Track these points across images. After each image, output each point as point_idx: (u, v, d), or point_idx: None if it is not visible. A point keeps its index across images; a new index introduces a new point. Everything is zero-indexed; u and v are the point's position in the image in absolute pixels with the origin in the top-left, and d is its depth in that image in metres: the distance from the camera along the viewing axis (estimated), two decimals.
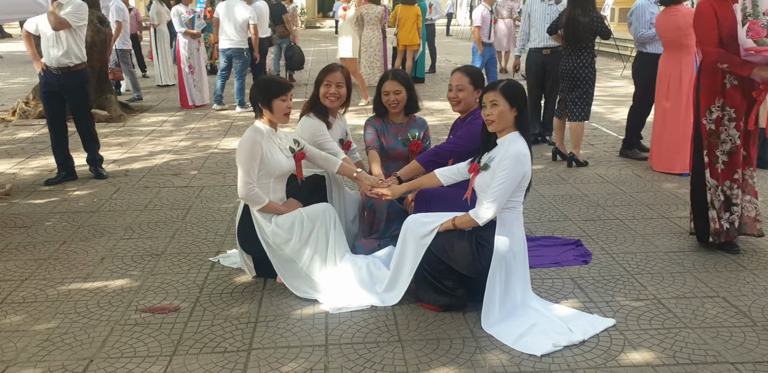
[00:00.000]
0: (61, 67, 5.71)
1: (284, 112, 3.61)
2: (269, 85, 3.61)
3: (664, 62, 6.01)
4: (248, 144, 3.56)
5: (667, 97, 5.99)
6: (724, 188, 4.06)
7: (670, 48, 5.95)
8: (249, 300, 3.55)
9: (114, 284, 3.80)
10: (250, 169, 3.56)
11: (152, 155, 7.08)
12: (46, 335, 3.21)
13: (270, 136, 3.67)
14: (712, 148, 4.04)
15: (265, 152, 3.59)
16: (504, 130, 3.28)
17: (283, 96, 3.59)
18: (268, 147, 3.62)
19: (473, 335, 3.14)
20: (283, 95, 3.59)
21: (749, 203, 4.11)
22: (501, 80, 3.31)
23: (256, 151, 3.56)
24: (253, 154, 3.55)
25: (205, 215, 5.02)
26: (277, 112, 3.60)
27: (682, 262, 3.99)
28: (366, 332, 3.19)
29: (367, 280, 3.56)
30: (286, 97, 3.60)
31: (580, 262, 4.00)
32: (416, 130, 4.24)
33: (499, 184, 3.14)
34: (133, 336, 3.19)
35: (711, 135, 4.03)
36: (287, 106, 3.61)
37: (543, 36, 7.03)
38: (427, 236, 3.33)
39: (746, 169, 4.07)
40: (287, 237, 3.58)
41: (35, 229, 4.78)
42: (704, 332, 3.15)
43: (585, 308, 3.41)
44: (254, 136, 3.58)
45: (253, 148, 3.55)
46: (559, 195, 5.43)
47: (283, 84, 3.63)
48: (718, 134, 4.01)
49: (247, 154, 3.55)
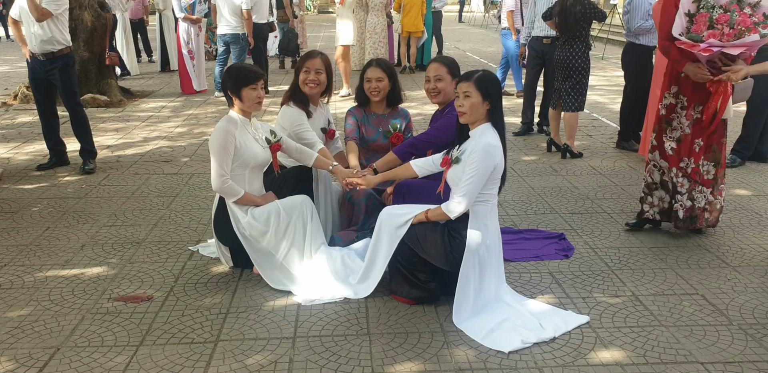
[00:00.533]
0: (45, 53, 5.66)
1: (254, 101, 3.56)
2: (239, 73, 3.56)
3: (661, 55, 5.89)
4: (220, 135, 3.51)
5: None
6: (671, 175, 4.13)
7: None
8: (223, 291, 3.53)
9: (91, 272, 3.79)
10: (223, 161, 3.51)
11: (146, 142, 7.07)
12: (17, 322, 3.21)
13: (244, 126, 3.63)
14: (661, 133, 4.15)
15: (239, 143, 3.55)
16: (476, 123, 3.23)
17: (252, 85, 3.53)
18: (242, 137, 3.57)
19: (442, 329, 3.11)
20: (252, 84, 3.53)
21: (699, 193, 4.12)
22: (476, 71, 3.25)
23: (228, 142, 3.51)
24: (225, 145, 3.50)
25: (190, 203, 5.00)
26: (247, 100, 3.55)
27: (665, 258, 3.93)
28: (335, 324, 3.17)
29: (341, 271, 3.53)
30: (256, 86, 3.54)
31: (561, 256, 3.95)
32: (398, 121, 4.18)
33: (469, 177, 3.10)
34: (102, 325, 3.18)
35: (662, 119, 4.13)
36: (257, 96, 3.55)
37: (545, 25, 6.93)
38: (401, 227, 3.29)
39: (701, 160, 4.07)
40: (263, 229, 3.55)
41: (21, 214, 4.79)
42: (678, 330, 3.10)
43: (560, 304, 3.36)
44: (227, 126, 3.54)
45: (225, 139, 3.50)
46: (548, 187, 5.36)
47: (252, 72, 3.57)
48: (670, 120, 4.09)
49: (219, 146, 3.50)
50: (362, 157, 4.16)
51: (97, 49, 9.37)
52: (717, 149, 4.09)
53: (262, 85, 3.59)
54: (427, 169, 3.50)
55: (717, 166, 4.11)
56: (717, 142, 4.08)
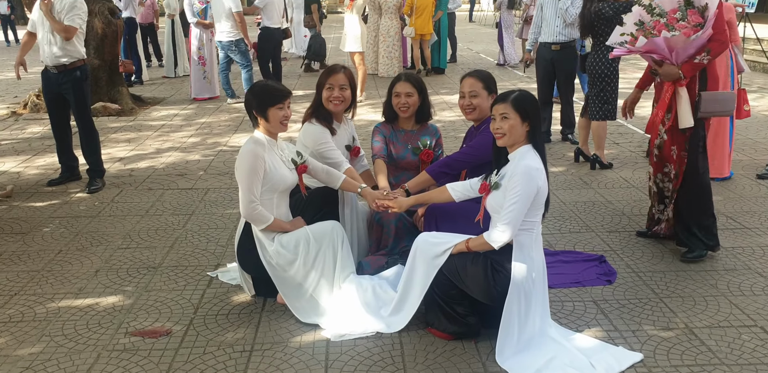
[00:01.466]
0: (57, 66, 5.45)
1: (281, 120, 3.34)
2: (264, 92, 3.34)
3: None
4: (249, 158, 3.28)
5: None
6: (657, 180, 4.14)
7: None
8: (246, 324, 3.31)
9: (106, 302, 3.59)
10: (252, 185, 3.29)
11: (159, 153, 6.87)
12: (28, 362, 3.01)
13: (271, 148, 3.41)
14: (653, 139, 4.14)
15: (269, 166, 3.32)
16: (515, 145, 3.00)
17: (279, 104, 3.31)
18: (270, 160, 3.35)
19: (485, 370, 2.88)
20: (279, 103, 3.31)
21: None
22: (513, 91, 3.03)
23: (258, 166, 3.28)
24: (255, 169, 3.27)
25: (207, 222, 4.79)
26: (273, 121, 3.33)
27: (715, 283, 3.68)
28: (369, 364, 2.94)
29: (373, 303, 3.30)
30: (283, 105, 3.32)
31: (604, 282, 3.71)
32: (428, 138, 3.95)
33: (511, 204, 2.87)
34: (119, 365, 2.97)
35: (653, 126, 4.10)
36: (284, 115, 3.33)
37: (553, 30, 6.69)
38: (439, 257, 3.07)
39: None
40: (292, 258, 3.32)
41: (32, 236, 4.59)
42: (741, 370, 2.85)
43: (609, 338, 3.13)
44: (255, 149, 3.31)
45: (255, 163, 3.27)
46: (581, 202, 5.12)
47: (279, 91, 3.34)
48: (657, 127, 4.06)
49: (248, 170, 3.27)
50: (390, 175, 3.93)
51: (108, 56, 9.19)
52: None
53: (289, 103, 3.37)
54: (465, 194, 3.27)
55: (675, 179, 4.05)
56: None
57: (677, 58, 3.78)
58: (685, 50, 3.74)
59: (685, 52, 3.75)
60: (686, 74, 3.80)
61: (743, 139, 6.97)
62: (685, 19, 3.70)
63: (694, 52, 3.74)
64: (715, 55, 3.77)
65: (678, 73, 3.80)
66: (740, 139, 6.92)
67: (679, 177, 3.98)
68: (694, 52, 3.75)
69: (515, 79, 11.68)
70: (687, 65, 3.79)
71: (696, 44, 3.70)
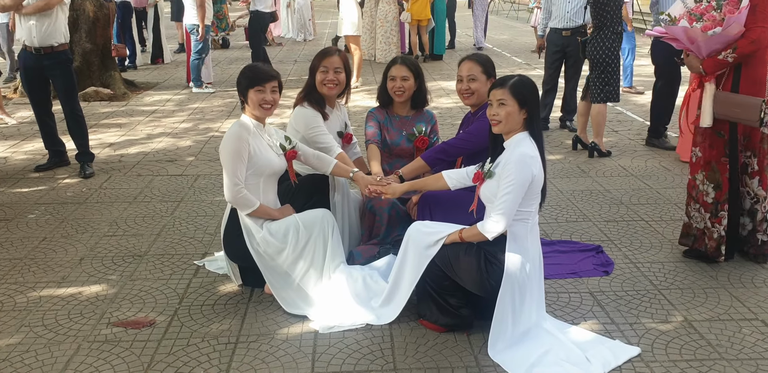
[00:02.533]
0: (44, 47, 5.30)
1: (260, 103, 3.23)
2: (249, 73, 3.26)
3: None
4: (233, 141, 3.19)
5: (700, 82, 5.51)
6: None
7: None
8: (232, 315, 3.21)
9: (89, 291, 3.48)
10: (236, 168, 3.19)
11: (150, 139, 6.73)
12: (5, 353, 2.90)
13: (258, 132, 3.30)
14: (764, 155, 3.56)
15: (253, 149, 3.22)
16: (511, 133, 2.89)
17: (259, 87, 3.21)
18: (255, 144, 3.25)
19: (477, 364, 2.78)
20: (258, 85, 3.20)
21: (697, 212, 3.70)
22: (511, 76, 2.91)
23: (242, 148, 3.19)
24: (239, 152, 3.18)
25: (195, 209, 4.68)
26: (252, 103, 3.24)
27: (715, 275, 3.59)
28: (358, 357, 2.84)
29: (363, 294, 3.20)
30: (264, 88, 3.21)
31: (601, 273, 3.61)
32: (423, 124, 3.83)
33: (505, 193, 2.76)
34: (100, 357, 2.87)
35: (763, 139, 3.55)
36: (263, 98, 3.22)
37: (563, 15, 6.53)
38: (432, 247, 2.96)
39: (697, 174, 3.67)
40: (280, 246, 3.22)
41: (16, 222, 4.48)
42: (742, 365, 2.76)
43: (606, 332, 3.03)
44: (239, 131, 3.21)
45: (238, 145, 3.18)
46: (578, 190, 5.01)
47: (262, 73, 3.24)
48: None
49: (232, 153, 3.18)
50: (384, 162, 3.82)
51: (99, 40, 9.03)
52: (716, 168, 3.56)
53: (274, 87, 3.25)
54: (461, 182, 3.16)
55: (717, 189, 3.57)
56: (716, 159, 3.56)
57: (699, 51, 3.44)
58: (707, 44, 3.37)
59: (707, 46, 3.38)
60: (707, 70, 3.44)
61: None
62: (720, 10, 3.34)
63: (720, 47, 3.37)
64: (740, 54, 3.33)
65: (698, 67, 3.47)
66: None
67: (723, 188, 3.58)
68: (721, 48, 3.37)
69: (513, 65, 11.53)
70: (710, 61, 3.42)
71: (721, 39, 3.32)
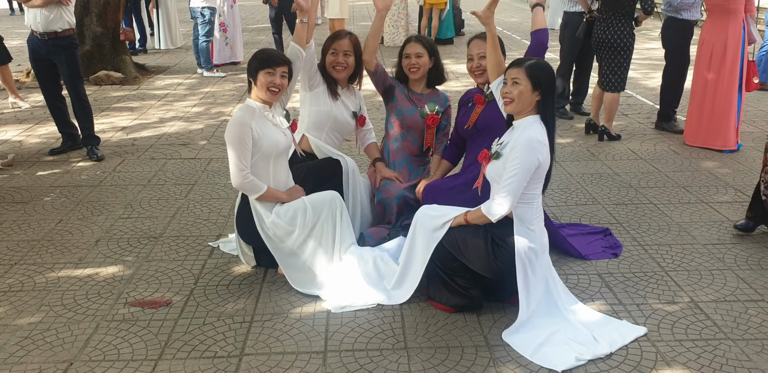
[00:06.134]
0: (48, 32, 5.36)
1: (268, 86, 3.24)
2: (261, 55, 3.28)
3: (708, 29, 5.51)
4: (235, 128, 3.21)
5: (708, 67, 5.52)
6: None
7: (716, 13, 5.45)
8: (246, 295, 3.28)
9: (106, 272, 3.56)
10: (241, 154, 3.22)
11: (162, 122, 6.79)
12: (27, 331, 2.99)
13: (262, 114, 3.32)
14: None
15: (257, 133, 3.24)
16: (521, 113, 2.92)
17: (269, 69, 3.22)
18: (259, 127, 3.26)
19: (487, 343, 2.84)
20: (270, 68, 3.22)
21: None
22: (530, 58, 2.93)
23: (245, 134, 3.21)
24: (242, 138, 3.20)
25: (209, 192, 4.74)
26: (260, 85, 3.25)
27: (722, 257, 3.63)
28: (369, 336, 2.91)
29: (374, 275, 3.26)
30: (274, 71, 3.23)
31: (609, 255, 3.66)
32: (436, 104, 3.84)
33: (510, 176, 2.80)
34: (118, 335, 2.95)
35: None
36: (272, 82, 3.23)
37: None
38: (439, 230, 3.02)
39: None
40: (289, 229, 3.28)
41: (33, 205, 4.56)
42: (747, 345, 2.81)
43: (613, 312, 3.08)
44: (242, 116, 3.24)
45: (241, 131, 3.20)
46: (588, 173, 5.04)
47: (275, 56, 3.26)
48: None
49: (235, 138, 3.21)
50: (398, 132, 3.89)
51: (110, 24, 9.06)
52: None
53: (284, 72, 3.27)
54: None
55: None
56: None
57: None
58: None
59: None
60: None
61: (754, 110, 6.84)
62: None
63: None
64: None
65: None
66: (751, 110, 6.80)
67: None
68: None
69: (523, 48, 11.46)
70: None
71: None
